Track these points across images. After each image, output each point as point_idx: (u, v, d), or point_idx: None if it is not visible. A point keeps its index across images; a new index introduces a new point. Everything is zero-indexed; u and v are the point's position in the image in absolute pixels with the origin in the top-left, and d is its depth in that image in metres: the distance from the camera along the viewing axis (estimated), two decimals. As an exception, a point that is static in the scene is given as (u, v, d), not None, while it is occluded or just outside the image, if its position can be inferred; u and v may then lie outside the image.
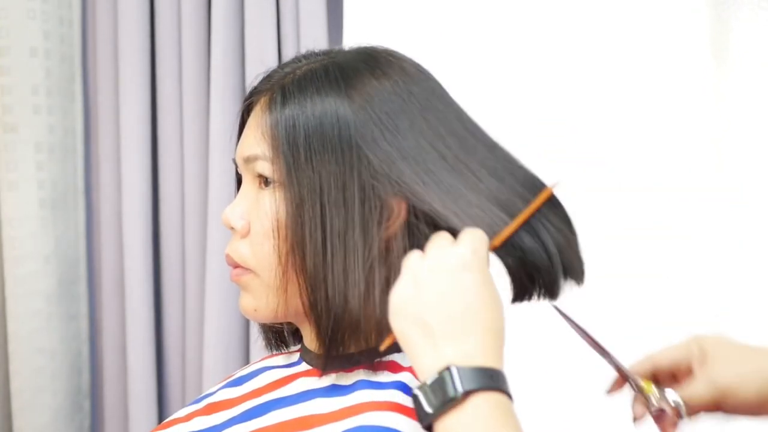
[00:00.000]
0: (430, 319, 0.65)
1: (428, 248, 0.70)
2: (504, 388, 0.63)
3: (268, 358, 0.91)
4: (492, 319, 0.66)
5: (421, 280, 0.67)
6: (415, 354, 0.66)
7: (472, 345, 0.64)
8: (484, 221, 0.73)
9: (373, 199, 0.74)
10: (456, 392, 0.61)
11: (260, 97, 0.80)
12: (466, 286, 0.66)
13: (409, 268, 0.69)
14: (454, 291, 0.66)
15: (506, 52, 1.49)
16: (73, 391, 1.83)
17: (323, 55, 0.82)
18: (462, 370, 0.62)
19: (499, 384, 0.63)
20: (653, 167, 1.43)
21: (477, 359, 0.63)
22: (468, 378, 0.62)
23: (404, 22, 1.53)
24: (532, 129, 1.47)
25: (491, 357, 0.64)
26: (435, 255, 0.69)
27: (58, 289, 1.78)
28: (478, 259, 0.68)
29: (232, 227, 0.81)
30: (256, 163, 0.78)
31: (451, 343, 0.64)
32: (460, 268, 0.67)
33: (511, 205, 0.75)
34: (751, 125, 1.40)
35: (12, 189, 1.71)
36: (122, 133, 1.75)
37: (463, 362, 0.63)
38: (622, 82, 1.45)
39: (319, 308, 0.75)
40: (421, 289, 0.67)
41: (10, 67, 1.69)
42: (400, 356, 0.80)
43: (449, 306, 0.65)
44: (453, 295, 0.66)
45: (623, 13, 1.45)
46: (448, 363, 0.63)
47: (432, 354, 0.64)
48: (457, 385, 0.62)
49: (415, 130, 0.76)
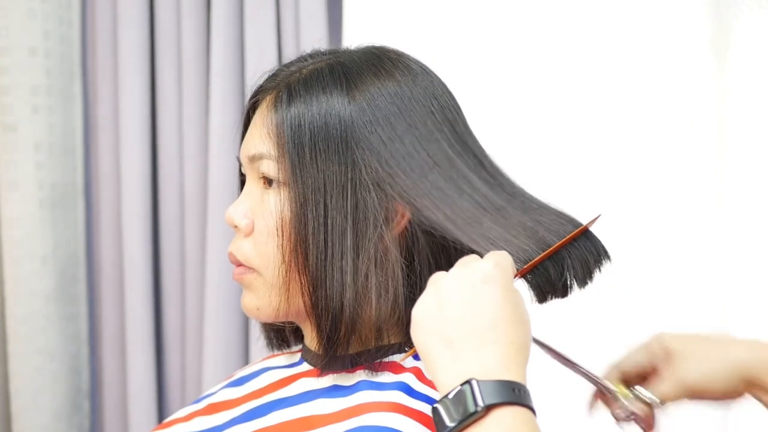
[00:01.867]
0: (451, 332, 0.64)
1: (454, 266, 0.69)
2: (527, 403, 0.62)
3: (269, 359, 0.91)
4: (515, 332, 0.64)
5: (444, 294, 0.66)
6: (436, 368, 0.65)
7: (493, 359, 0.63)
8: (510, 246, 0.73)
9: (375, 200, 0.74)
10: (477, 406, 0.60)
11: (266, 95, 0.80)
12: (488, 300, 0.65)
13: (432, 283, 0.68)
14: (476, 304, 0.65)
15: (506, 52, 1.49)
16: (73, 392, 1.83)
17: (329, 54, 0.82)
18: (483, 383, 0.61)
19: (522, 398, 0.61)
20: (653, 167, 1.43)
21: (499, 373, 0.62)
22: (489, 392, 0.61)
23: (404, 22, 1.52)
24: (532, 129, 1.47)
25: (514, 371, 0.63)
26: (458, 270, 0.68)
27: (58, 289, 1.78)
28: (501, 272, 0.67)
29: (236, 225, 0.80)
30: (260, 162, 0.78)
31: (472, 357, 0.63)
32: (482, 281, 0.66)
33: (537, 234, 0.74)
34: (751, 125, 1.40)
35: (12, 189, 1.71)
36: (122, 133, 1.75)
37: (484, 376, 0.62)
38: (622, 82, 1.44)
39: (320, 307, 0.75)
40: (442, 303, 0.66)
41: (10, 67, 1.69)
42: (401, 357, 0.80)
43: (471, 319, 0.64)
44: (474, 308, 0.65)
45: (623, 13, 1.45)
46: (469, 377, 0.62)
47: (453, 368, 0.63)
48: (477, 399, 0.60)
49: (414, 135, 0.76)
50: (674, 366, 0.76)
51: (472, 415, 0.60)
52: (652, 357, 0.78)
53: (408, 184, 0.74)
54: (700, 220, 1.42)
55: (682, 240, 1.42)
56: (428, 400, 0.75)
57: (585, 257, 0.75)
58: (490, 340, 0.63)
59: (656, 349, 0.78)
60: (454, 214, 0.74)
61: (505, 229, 0.74)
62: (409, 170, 0.75)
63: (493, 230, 0.73)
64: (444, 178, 0.75)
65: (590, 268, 0.75)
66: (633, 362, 0.79)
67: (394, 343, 0.80)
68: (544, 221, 0.75)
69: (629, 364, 0.79)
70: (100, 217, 1.84)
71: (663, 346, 0.78)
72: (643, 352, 0.79)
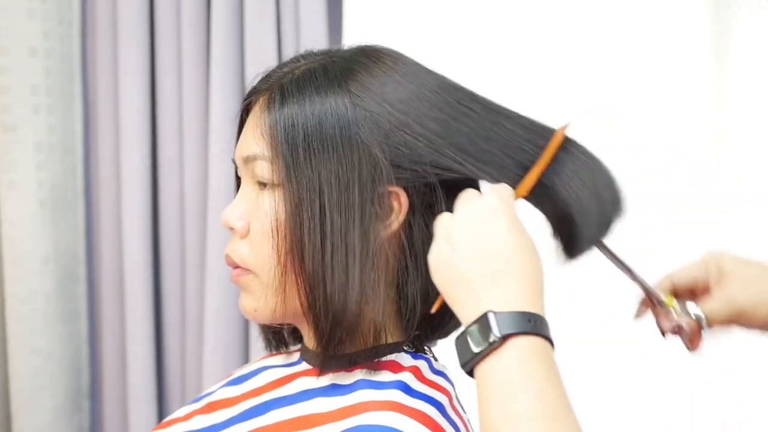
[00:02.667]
0: (467, 269, 0.67)
1: (457, 205, 0.72)
2: (544, 333, 0.64)
3: (267, 358, 0.91)
4: (527, 261, 0.67)
5: (453, 234, 0.69)
6: (457, 306, 0.67)
7: (510, 291, 0.65)
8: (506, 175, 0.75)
9: (373, 198, 0.74)
10: (494, 336, 0.63)
11: (259, 96, 0.80)
12: (496, 232, 0.67)
13: (441, 227, 0.71)
14: (486, 237, 0.67)
15: (506, 52, 1.49)
16: (73, 392, 1.83)
17: (322, 54, 0.82)
18: (499, 315, 0.63)
19: (538, 328, 0.64)
20: (653, 167, 1.43)
21: (516, 305, 0.64)
22: (506, 322, 0.63)
23: (404, 22, 1.53)
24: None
25: (531, 302, 0.65)
26: (463, 209, 0.70)
27: (58, 288, 1.78)
28: (505, 205, 0.69)
29: (232, 228, 0.80)
30: (255, 164, 0.78)
31: (490, 292, 0.65)
32: (488, 214, 0.68)
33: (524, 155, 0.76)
34: (750, 125, 1.40)
35: (12, 189, 1.71)
36: (122, 133, 1.75)
37: (501, 308, 0.64)
38: (622, 82, 1.45)
39: (317, 308, 0.75)
40: (453, 242, 0.68)
41: (9, 67, 1.69)
42: (400, 356, 0.80)
43: (483, 253, 0.67)
44: (485, 242, 0.67)
45: (623, 13, 1.45)
46: (487, 310, 0.64)
47: (472, 303, 0.66)
48: (494, 329, 0.63)
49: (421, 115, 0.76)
50: (726, 286, 0.77)
51: (490, 345, 0.63)
52: (706, 274, 0.79)
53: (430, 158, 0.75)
54: (699, 221, 1.42)
55: (682, 240, 1.42)
56: (427, 399, 0.75)
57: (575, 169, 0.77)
58: (504, 273, 0.66)
59: (711, 267, 0.79)
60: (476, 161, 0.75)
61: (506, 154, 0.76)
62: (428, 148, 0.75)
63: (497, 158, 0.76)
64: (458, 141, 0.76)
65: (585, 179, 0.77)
66: (686, 276, 0.80)
67: (392, 342, 0.80)
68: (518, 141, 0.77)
69: (682, 276, 0.80)
70: (100, 217, 1.84)
71: (718, 265, 0.78)
72: (697, 267, 0.80)
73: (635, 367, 1.45)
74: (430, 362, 0.81)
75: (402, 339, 0.81)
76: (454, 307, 0.68)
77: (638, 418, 1.44)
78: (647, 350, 1.42)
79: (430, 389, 0.77)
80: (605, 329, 1.42)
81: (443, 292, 0.69)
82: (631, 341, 1.43)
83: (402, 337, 0.81)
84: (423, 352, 0.83)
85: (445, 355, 0.88)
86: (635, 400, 1.44)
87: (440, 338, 0.85)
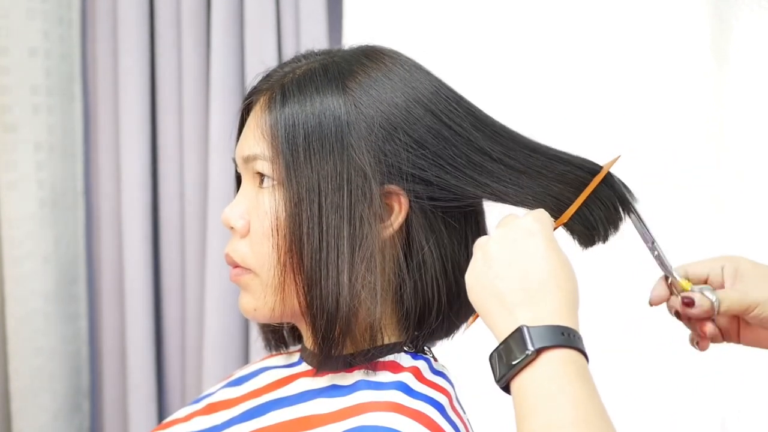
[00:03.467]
0: (502, 288, 0.68)
1: (496, 227, 0.73)
2: (578, 346, 0.65)
3: (268, 358, 0.91)
4: (563, 279, 0.68)
5: (490, 254, 0.70)
6: (492, 323, 0.68)
7: (544, 306, 0.66)
8: (537, 199, 0.77)
9: (370, 199, 0.74)
10: (527, 350, 0.63)
11: (260, 96, 0.80)
12: (532, 252, 0.69)
13: (479, 247, 0.72)
14: (522, 258, 0.68)
15: (506, 52, 1.49)
16: (73, 392, 1.83)
17: (323, 54, 0.82)
18: (533, 329, 0.64)
19: (572, 341, 0.64)
20: (653, 167, 1.43)
21: (550, 319, 0.65)
22: (539, 336, 0.64)
23: (404, 22, 1.52)
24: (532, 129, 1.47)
25: (565, 316, 0.66)
26: (501, 230, 0.72)
27: (58, 289, 1.78)
28: (541, 226, 0.71)
29: (232, 227, 0.80)
30: (255, 163, 0.78)
31: (524, 308, 0.66)
32: (524, 235, 0.70)
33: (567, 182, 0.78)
34: (750, 125, 1.40)
35: (12, 189, 1.71)
36: (122, 133, 1.75)
37: (535, 323, 0.65)
38: (623, 82, 1.44)
39: (315, 307, 0.75)
40: (490, 262, 0.69)
41: (9, 67, 1.69)
42: (400, 356, 0.80)
43: (518, 272, 0.68)
44: (521, 262, 0.68)
45: (623, 13, 1.44)
46: (521, 324, 0.65)
47: (507, 319, 0.66)
48: (527, 343, 0.63)
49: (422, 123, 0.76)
50: (740, 281, 0.78)
51: (524, 359, 0.63)
52: (720, 270, 0.80)
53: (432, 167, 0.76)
54: (699, 221, 1.42)
55: (682, 241, 1.42)
56: (427, 400, 0.75)
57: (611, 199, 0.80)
58: (539, 290, 0.67)
59: (726, 265, 0.80)
60: (492, 180, 0.77)
61: (540, 183, 0.78)
62: (439, 154, 0.76)
63: (531, 187, 0.78)
64: (467, 152, 0.77)
65: (618, 209, 0.80)
66: (701, 269, 0.81)
67: (392, 342, 0.80)
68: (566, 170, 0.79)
69: (697, 268, 0.81)
70: (100, 217, 1.84)
71: (734, 264, 0.80)
72: (712, 263, 0.81)
73: (635, 366, 1.44)
74: (430, 363, 0.81)
75: (401, 339, 0.81)
76: (489, 325, 0.69)
77: (638, 417, 1.44)
78: (647, 350, 1.42)
79: (431, 390, 0.77)
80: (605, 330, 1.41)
81: (479, 310, 0.70)
82: (631, 341, 1.43)
83: (402, 337, 0.81)
84: (423, 353, 0.82)
85: (446, 356, 0.88)
86: (635, 399, 1.44)
87: (440, 339, 0.85)
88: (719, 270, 0.80)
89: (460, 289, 0.80)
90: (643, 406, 1.45)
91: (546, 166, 0.79)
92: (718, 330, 0.80)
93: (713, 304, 0.77)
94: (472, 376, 1.14)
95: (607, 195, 0.80)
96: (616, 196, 0.80)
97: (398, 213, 0.77)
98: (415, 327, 0.81)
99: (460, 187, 0.77)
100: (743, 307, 0.77)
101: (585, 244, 0.80)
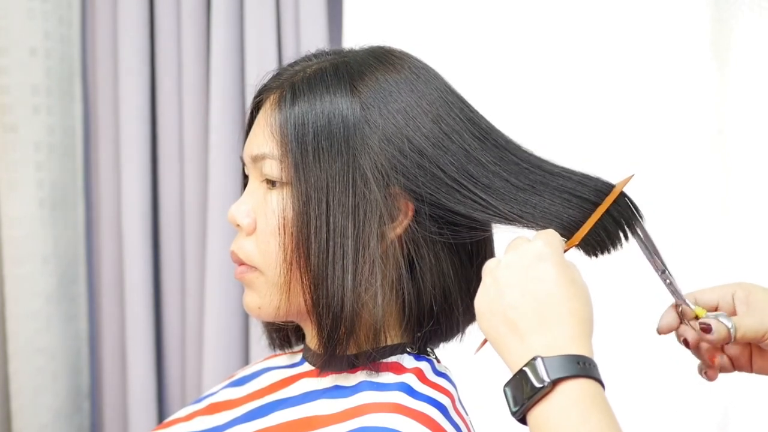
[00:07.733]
0: (513, 315, 0.66)
1: (506, 251, 0.71)
2: (594, 375, 0.63)
3: (270, 358, 0.91)
4: (576, 306, 0.66)
5: (501, 280, 0.68)
6: (505, 352, 0.67)
7: (557, 334, 0.64)
8: (561, 219, 0.75)
9: (376, 201, 0.74)
10: (543, 382, 0.62)
11: (270, 94, 0.80)
12: (544, 277, 0.67)
13: (488, 271, 0.70)
14: (533, 284, 0.67)
15: (506, 52, 1.49)
16: (73, 392, 1.83)
17: (334, 54, 0.82)
18: (548, 359, 0.63)
19: (588, 371, 0.63)
20: (653, 167, 1.43)
21: (565, 348, 0.63)
22: (554, 367, 0.62)
23: (404, 22, 1.52)
24: (532, 130, 1.47)
25: (579, 344, 0.64)
26: (511, 254, 0.70)
27: (58, 289, 1.78)
28: (552, 250, 0.69)
29: (238, 224, 0.80)
30: (263, 162, 0.78)
31: (537, 336, 0.65)
32: (536, 260, 0.68)
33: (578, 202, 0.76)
34: (751, 125, 1.40)
35: (12, 189, 1.71)
36: (122, 133, 1.75)
37: (549, 352, 0.63)
38: (623, 83, 1.45)
39: (320, 306, 0.75)
40: (501, 288, 0.68)
41: (9, 67, 1.69)
42: (403, 358, 0.80)
43: (530, 299, 0.66)
44: (532, 288, 0.67)
45: (624, 13, 1.45)
46: (535, 355, 0.63)
47: (520, 349, 0.65)
48: (542, 374, 0.62)
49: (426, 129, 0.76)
50: (755, 307, 0.77)
51: (540, 390, 0.62)
52: (731, 297, 0.79)
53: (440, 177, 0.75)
54: (702, 222, 1.42)
55: (684, 242, 1.42)
56: (430, 401, 0.75)
57: (621, 225, 0.78)
58: (553, 317, 0.65)
59: (738, 292, 0.79)
60: (498, 200, 0.75)
61: (552, 202, 0.76)
62: (439, 164, 0.75)
63: (541, 205, 0.76)
64: (476, 165, 0.76)
65: (627, 234, 0.78)
66: (711, 296, 0.80)
67: (395, 343, 0.80)
68: (578, 189, 0.77)
69: (707, 295, 0.80)
70: (100, 217, 1.84)
71: (747, 291, 0.78)
72: (723, 290, 0.80)
73: (635, 365, 1.45)
74: (433, 364, 0.81)
75: (407, 341, 0.81)
76: (501, 354, 0.67)
77: (638, 416, 1.44)
78: (647, 349, 1.42)
79: (433, 391, 0.77)
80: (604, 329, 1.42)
81: (489, 337, 0.69)
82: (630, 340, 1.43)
83: (405, 339, 0.81)
84: (426, 354, 0.83)
85: (448, 357, 0.88)
86: (635, 397, 1.44)
87: (444, 341, 0.85)
88: (730, 297, 0.79)
89: (461, 293, 0.80)
90: (643, 406, 1.45)
91: (553, 183, 0.77)
92: (728, 359, 0.79)
93: (729, 331, 0.75)
94: (474, 377, 1.14)
95: (616, 218, 0.78)
96: (625, 222, 0.78)
97: (404, 214, 0.77)
98: (418, 329, 0.81)
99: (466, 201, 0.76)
100: (760, 334, 0.76)
101: (589, 255, 0.78)
